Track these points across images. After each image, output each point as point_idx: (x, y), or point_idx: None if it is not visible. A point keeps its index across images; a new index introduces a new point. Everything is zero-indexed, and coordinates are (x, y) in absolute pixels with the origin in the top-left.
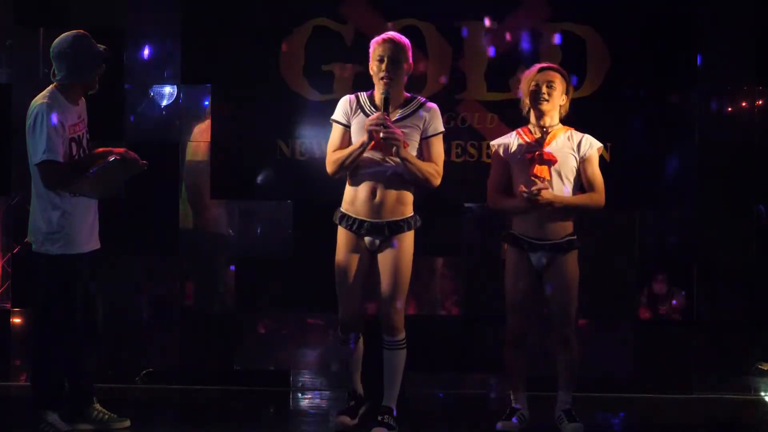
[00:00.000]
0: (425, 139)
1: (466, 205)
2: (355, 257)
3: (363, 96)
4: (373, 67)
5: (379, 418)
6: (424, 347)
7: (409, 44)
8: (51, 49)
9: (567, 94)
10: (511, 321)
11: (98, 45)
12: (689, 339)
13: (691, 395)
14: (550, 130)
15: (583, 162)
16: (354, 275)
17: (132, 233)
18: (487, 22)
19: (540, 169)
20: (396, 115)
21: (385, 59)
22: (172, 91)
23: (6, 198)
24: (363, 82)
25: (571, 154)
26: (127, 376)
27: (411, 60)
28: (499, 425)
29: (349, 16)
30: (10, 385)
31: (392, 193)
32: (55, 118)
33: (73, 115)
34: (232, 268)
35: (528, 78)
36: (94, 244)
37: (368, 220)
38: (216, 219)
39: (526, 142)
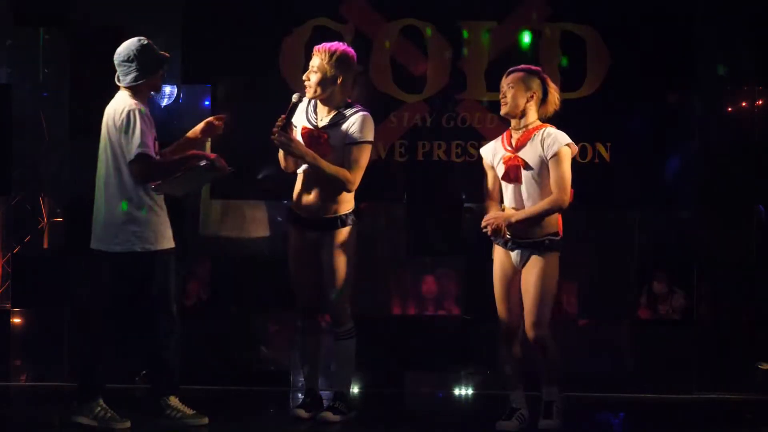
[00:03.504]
0: (346, 146)
1: (466, 205)
2: (301, 250)
3: (312, 101)
4: None
5: (330, 403)
6: (424, 347)
7: (346, 54)
8: (116, 56)
9: (543, 92)
10: (500, 319)
11: (159, 51)
12: (689, 339)
13: (691, 395)
14: (523, 131)
15: (549, 161)
16: (302, 267)
17: None
18: (487, 22)
19: (507, 175)
20: (327, 120)
21: (308, 69)
22: (172, 91)
23: (6, 198)
24: (362, 82)
25: (539, 154)
26: (127, 376)
27: (350, 67)
28: (499, 425)
29: (349, 16)
30: (9, 385)
31: (325, 191)
32: (144, 115)
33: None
34: (232, 268)
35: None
36: (171, 240)
37: (306, 216)
38: (216, 219)
39: (503, 146)
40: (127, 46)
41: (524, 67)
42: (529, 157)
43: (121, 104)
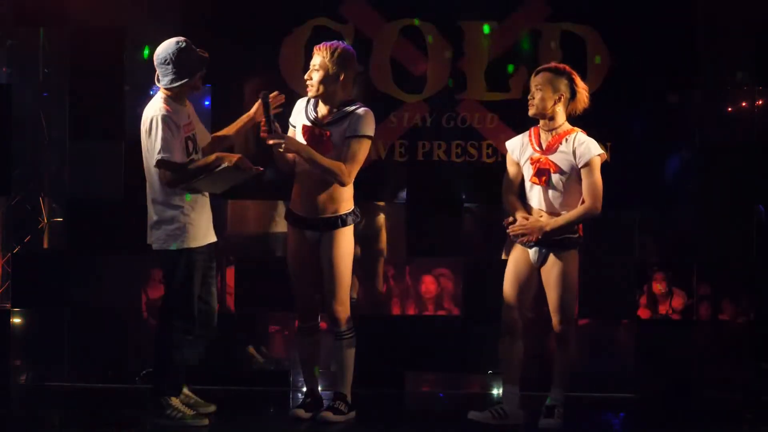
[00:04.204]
0: (345, 140)
1: (466, 205)
2: (301, 251)
3: (312, 100)
4: None
5: (330, 403)
6: (424, 347)
7: (347, 51)
8: (155, 57)
9: (571, 92)
10: (504, 313)
11: (198, 49)
12: (689, 339)
13: (690, 395)
14: (553, 134)
15: (581, 169)
16: (301, 267)
17: (132, 233)
18: (487, 22)
19: (536, 177)
20: (329, 118)
21: (310, 67)
22: None
23: (6, 198)
24: (362, 82)
25: (570, 160)
26: (127, 376)
27: (351, 64)
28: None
29: (349, 16)
30: (9, 385)
31: (324, 190)
32: (169, 120)
33: (183, 116)
34: (233, 268)
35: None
36: (211, 237)
37: (305, 216)
38: (216, 219)
39: (531, 145)
40: (165, 48)
41: (552, 67)
42: (560, 162)
43: (151, 109)
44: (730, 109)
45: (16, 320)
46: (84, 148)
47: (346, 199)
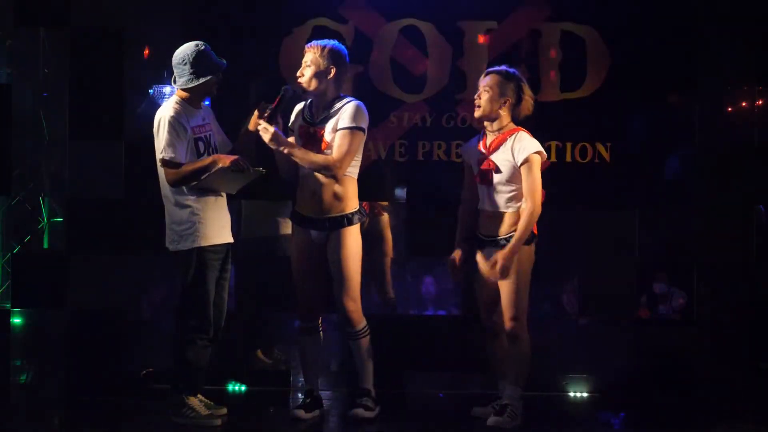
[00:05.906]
0: (335, 132)
1: None
2: (305, 251)
3: (308, 103)
4: None
5: (357, 400)
6: (424, 347)
7: (337, 47)
8: (174, 57)
9: (517, 97)
10: (482, 316)
11: (218, 57)
12: (689, 339)
13: (690, 395)
14: (497, 134)
15: (520, 168)
16: (305, 268)
17: (132, 233)
18: (487, 22)
19: (479, 177)
20: (322, 115)
21: (302, 64)
22: (172, 91)
23: (6, 198)
24: (363, 82)
25: (509, 159)
26: (126, 376)
27: (342, 60)
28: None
29: (349, 16)
30: (9, 385)
31: (328, 190)
32: (174, 122)
33: (197, 118)
34: (233, 267)
35: None
36: (226, 237)
37: (311, 216)
38: None
39: (479, 148)
40: (183, 49)
41: (502, 70)
42: (500, 161)
43: (160, 111)
44: (730, 109)
45: (16, 320)
46: (84, 148)
47: (351, 198)
